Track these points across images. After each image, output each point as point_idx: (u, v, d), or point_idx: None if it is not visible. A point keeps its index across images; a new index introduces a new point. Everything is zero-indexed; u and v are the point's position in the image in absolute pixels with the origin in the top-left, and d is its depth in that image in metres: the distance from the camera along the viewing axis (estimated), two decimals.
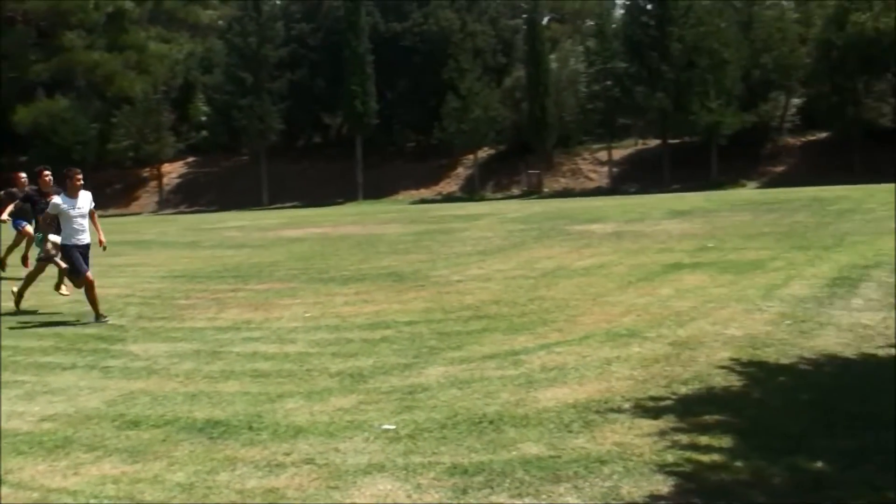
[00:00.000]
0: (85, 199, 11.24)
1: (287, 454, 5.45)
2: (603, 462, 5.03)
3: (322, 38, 66.01)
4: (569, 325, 9.34)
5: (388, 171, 65.22)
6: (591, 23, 70.17)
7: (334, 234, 24.63)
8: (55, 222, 11.56)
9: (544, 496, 4.62)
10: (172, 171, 67.22)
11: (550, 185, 61.79)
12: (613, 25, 63.54)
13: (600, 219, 24.29)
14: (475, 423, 5.88)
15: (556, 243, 18.61)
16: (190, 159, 65.91)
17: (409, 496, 4.72)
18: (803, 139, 60.46)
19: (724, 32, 56.14)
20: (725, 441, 5.31)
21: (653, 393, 6.44)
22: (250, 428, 6.01)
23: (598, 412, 6.01)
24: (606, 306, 10.33)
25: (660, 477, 4.77)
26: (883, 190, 31.93)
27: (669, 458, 5.05)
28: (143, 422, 6.29)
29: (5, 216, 13.26)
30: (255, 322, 10.42)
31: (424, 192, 63.37)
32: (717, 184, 53.30)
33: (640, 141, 65.35)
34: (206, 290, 11.46)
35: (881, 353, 7.46)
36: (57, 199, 11.19)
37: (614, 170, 61.33)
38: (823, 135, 58.58)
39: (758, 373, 6.97)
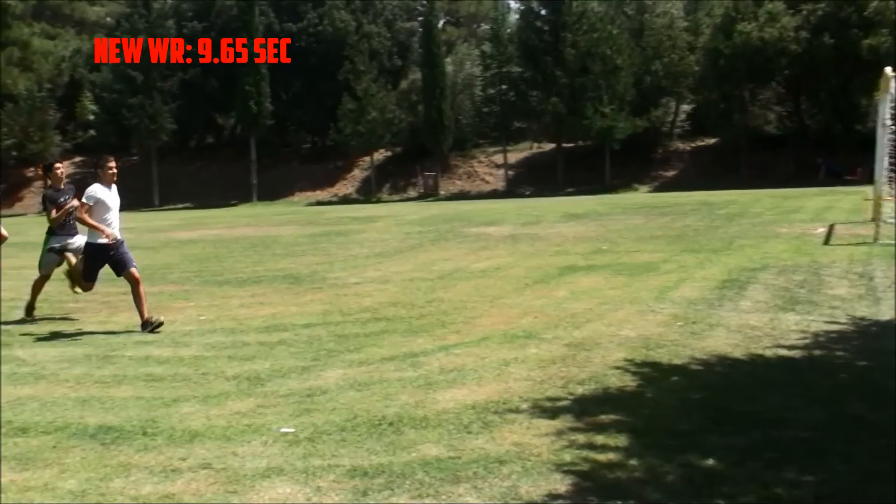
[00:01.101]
0: (116, 193, 10.30)
1: (183, 459, 5.35)
2: (502, 462, 5.07)
3: (215, 37, 65.04)
4: (467, 326, 9.40)
5: (283, 173, 64.68)
6: (487, 27, 70.82)
7: (228, 236, 24.31)
8: (70, 218, 10.75)
9: (444, 497, 4.63)
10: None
11: (447, 187, 62.10)
12: (508, 30, 64.19)
13: (496, 221, 24.53)
14: (375, 426, 5.86)
15: (454, 245, 18.72)
16: (77, 159, 64.21)
17: (308, 499, 4.67)
18: (693, 144, 62.14)
19: (616, 39, 57.36)
20: (621, 440, 5.41)
21: (550, 393, 6.52)
22: (144, 433, 5.88)
23: (496, 413, 6.05)
24: (504, 308, 10.43)
25: (557, 476, 4.83)
26: (769, 195, 33.02)
27: (567, 457, 5.12)
28: (32, 428, 6.09)
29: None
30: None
31: (320, 194, 63.00)
32: (611, 187, 54.36)
33: (536, 144, 66.23)
34: (95, 293, 11.15)
35: (768, 353, 7.70)
36: (97, 190, 9.96)
37: (510, 173, 61.96)
38: (712, 140, 60.34)
39: (651, 373, 7.12)
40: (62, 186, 11.28)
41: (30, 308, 11.07)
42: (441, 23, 72.80)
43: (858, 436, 5.40)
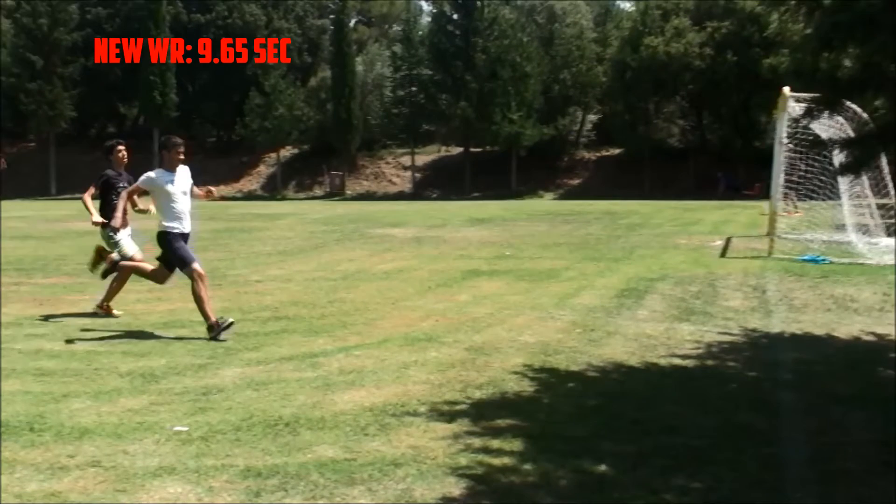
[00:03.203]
0: (185, 176, 9.39)
1: (71, 456, 5.21)
2: (397, 465, 5.06)
3: (120, 24, 63.62)
4: (368, 328, 9.37)
5: (187, 166, 63.53)
6: (399, 28, 70.78)
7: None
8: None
9: (338, 499, 4.61)
10: None
11: (353, 187, 61.89)
12: (420, 32, 64.29)
13: (402, 223, 24.52)
14: (271, 426, 5.80)
15: (358, 246, 18.66)
16: None
17: (199, 499, 4.60)
18: (598, 154, 63.11)
19: (526, 47, 57.94)
20: (516, 444, 5.45)
21: (448, 397, 6.54)
22: (31, 429, 5.71)
23: (394, 415, 6.04)
24: (405, 311, 10.43)
25: (452, 479, 4.84)
26: (670, 206, 33.73)
27: (462, 460, 5.14)
28: None
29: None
30: (40, 318, 9.92)
31: (224, 189, 61.98)
32: (517, 193, 54.82)
33: (444, 148, 66.44)
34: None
35: (663, 361, 7.85)
36: (152, 173, 9.21)
37: (417, 175, 62.05)
38: (617, 151, 61.37)
39: (549, 379, 7.19)
40: (121, 170, 10.65)
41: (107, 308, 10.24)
42: (353, 22, 72.54)
43: (746, 444, 5.54)
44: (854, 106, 12.72)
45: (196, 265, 9.04)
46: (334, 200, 54.94)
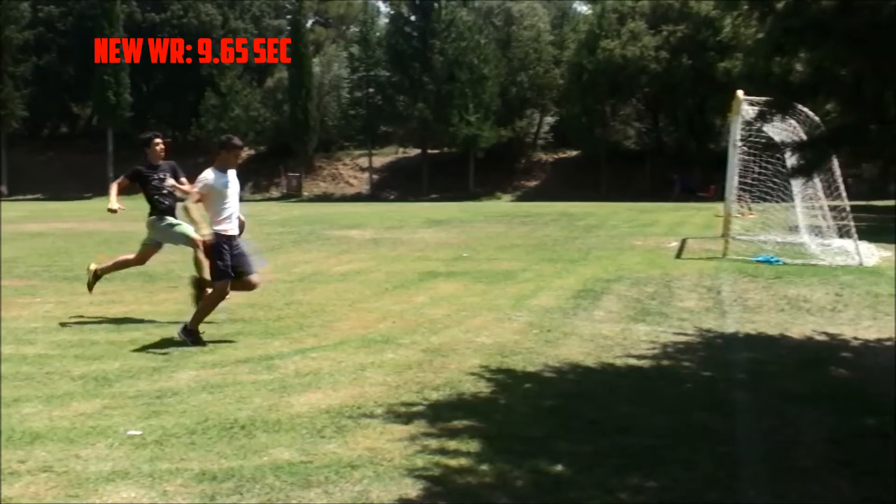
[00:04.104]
0: (235, 177, 9.01)
1: (22, 462, 5.14)
2: (354, 467, 5.05)
3: (73, 22, 62.86)
4: (325, 330, 9.34)
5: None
6: (356, 29, 70.60)
7: (81, 230, 23.51)
8: (166, 199, 10.00)
9: (294, 501, 4.59)
10: None
11: (310, 188, 61.66)
12: (378, 34, 64.18)
13: (359, 225, 24.45)
14: (226, 429, 5.76)
15: (315, 248, 18.57)
16: None
17: (154, 503, 4.56)
18: (555, 156, 63.40)
19: (483, 49, 58.04)
20: (473, 445, 5.45)
21: (405, 399, 6.53)
22: None
23: (350, 417, 6.03)
24: (363, 312, 10.40)
25: (409, 481, 4.84)
26: (626, 208, 33.95)
27: (419, 462, 5.13)
28: None
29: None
30: None
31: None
32: (475, 195, 54.91)
33: (401, 149, 66.40)
34: None
35: (619, 362, 7.90)
36: (210, 177, 8.71)
37: (375, 176, 61.97)
38: (574, 153, 61.68)
39: (505, 380, 7.21)
40: (159, 163, 10.37)
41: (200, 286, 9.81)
42: (310, 22, 72.26)
43: (701, 443, 5.60)
44: (806, 109, 12.89)
45: (228, 284, 8.77)
46: (291, 202, 54.68)
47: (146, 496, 4.64)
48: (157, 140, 10.45)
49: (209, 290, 9.13)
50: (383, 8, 73.73)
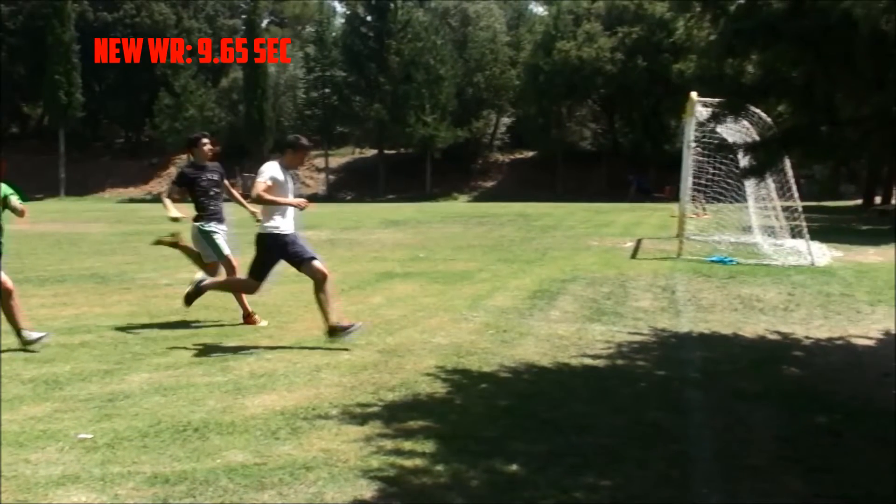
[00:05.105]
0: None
1: None
2: (309, 468, 5.02)
3: (23, 21, 61.92)
4: (280, 331, 9.29)
5: (93, 168, 62.25)
6: (312, 29, 70.32)
7: (31, 232, 23.11)
8: (213, 202, 9.66)
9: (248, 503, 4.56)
10: None
11: None
12: (334, 34, 63.96)
13: (316, 225, 24.33)
14: (179, 431, 5.70)
15: None
16: None
17: None
18: (512, 157, 63.62)
19: (440, 49, 58.09)
20: (428, 446, 5.45)
21: (360, 399, 6.51)
22: None
23: (305, 419, 5.99)
24: (318, 313, 10.33)
25: (364, 482, 4.82)
26: (582, 208, 34.16)
27: (374, 463, 5.12)
28: None
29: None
30: None
31: (133, 192, 61.01)
32: (431, 196, 54.92)
33: (358, 150, 66.25)
34: None
35: (574, 362, 7.93)
36: (277, 169, 8.53)
37: (331, 177, 61.78)
38: (530, 153, 61.93)
39: (461, 380, 7.21)
40: (206, 163, 10.10)
41: (247, 311, 9.81)
42: (265, 22, 71.85)
43: (654, 442, 5.64)
44: (758, 111, 13.03)
45: (258, 286, 8.84)
46: (246, 202, 54.30)
47: (97, 500, 4.58)
48: (205, 140, 10.16)
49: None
50: (339, 8, 73.69)
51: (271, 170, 8.53)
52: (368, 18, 61.47)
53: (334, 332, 8.45)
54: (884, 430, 6.05)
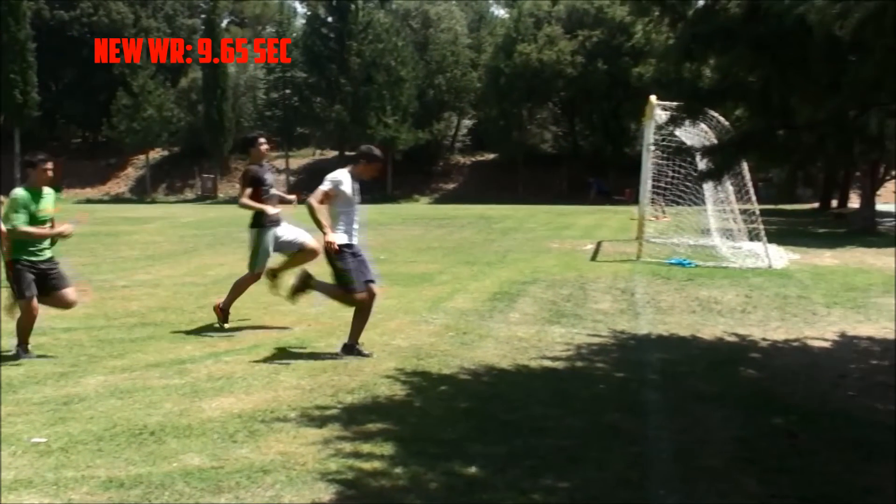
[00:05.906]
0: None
1: None
2: (266, 471, 4.99)
3: None
4: (238, 333, 9.23)
5: None
6: (272, 30, 69.95)
7: None
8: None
9: None
10: None
11: (226, 190, 60.93)
12: (294, 34, 63.65)
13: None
14: (135, 435, 5.64)
15: (230, 250, 18.31)
16: None
17: None
18: (473, 159, 63.67)
19: (401, 51, 58.00)
20: (387, 448, 5.43)
21: (319, 402, 6.48)
22: None
23: (263, 422, 5.95)
24: (277, 315, 10.30)
25: (322, 485, 4.80)
26: (543, 211, 34.28)
27: (332, 466, 5.09)
28: None
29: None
30: None
31: (90, 192, 60.34)
32: (392, 198, 54.82)
33: (319, 151, 65.99)
34: None
35: (533, 364, 7.95)
36: (346, 178, 8.42)
37: (292, 179, 61.45)
38: (491, 156, 62.01)
39: (421, 382, 7.20)
40: (263, 164, 9.89)
41: (225, 313, 9.57)
42: (225, 22, 71.42)
43: (613, 444, 5.66)
44: (716, 114, 13.14)
45: (362, 293, 8.34)
46: (206, 203, 53.97)
47: None
48: (262, 140, 9.92)
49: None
50: (300, 9, 73.22)
51: (339, 179, 8.39)
52: (329, 19, 61.28)
53: (350, 349, 8.14)
54: (839, 431, 6.12)
